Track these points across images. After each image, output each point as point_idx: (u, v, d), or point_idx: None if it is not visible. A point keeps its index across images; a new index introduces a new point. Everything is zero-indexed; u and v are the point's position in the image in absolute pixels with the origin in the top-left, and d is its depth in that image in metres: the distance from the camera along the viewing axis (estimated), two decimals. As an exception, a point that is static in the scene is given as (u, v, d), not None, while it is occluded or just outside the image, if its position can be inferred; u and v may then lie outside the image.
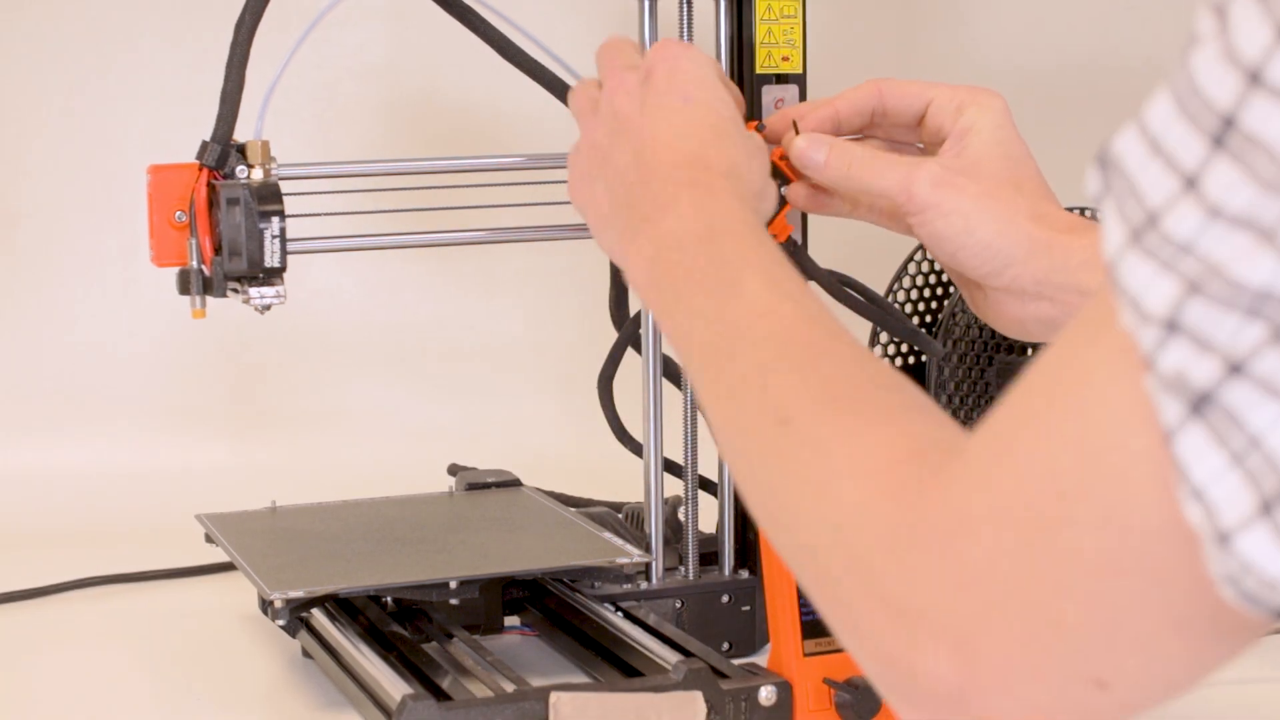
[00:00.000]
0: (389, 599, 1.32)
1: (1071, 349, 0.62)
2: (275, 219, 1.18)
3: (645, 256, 0.93)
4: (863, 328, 1.51)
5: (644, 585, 1.35)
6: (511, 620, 1.39)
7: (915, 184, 1.07)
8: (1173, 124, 0.57)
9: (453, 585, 1.27)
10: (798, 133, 1.13)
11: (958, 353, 1.56)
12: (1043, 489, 0.61)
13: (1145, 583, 0.60)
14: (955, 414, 1.55)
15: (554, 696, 1.11)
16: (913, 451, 0.68)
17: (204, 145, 1.20)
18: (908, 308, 1.61)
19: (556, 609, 1.34)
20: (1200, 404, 0.56)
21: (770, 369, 0.78)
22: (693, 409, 1.37)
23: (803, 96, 1.34)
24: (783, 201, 1.25)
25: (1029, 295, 1.06)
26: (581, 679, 1.28)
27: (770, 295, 0.83)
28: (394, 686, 1.14)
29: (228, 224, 1.18)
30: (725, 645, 1.36)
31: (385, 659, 1.20)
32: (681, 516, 1.40)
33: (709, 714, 1.13)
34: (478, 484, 1.53)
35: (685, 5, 1.33)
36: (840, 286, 1.32)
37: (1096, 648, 0.61)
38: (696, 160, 0.96)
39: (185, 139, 1.27)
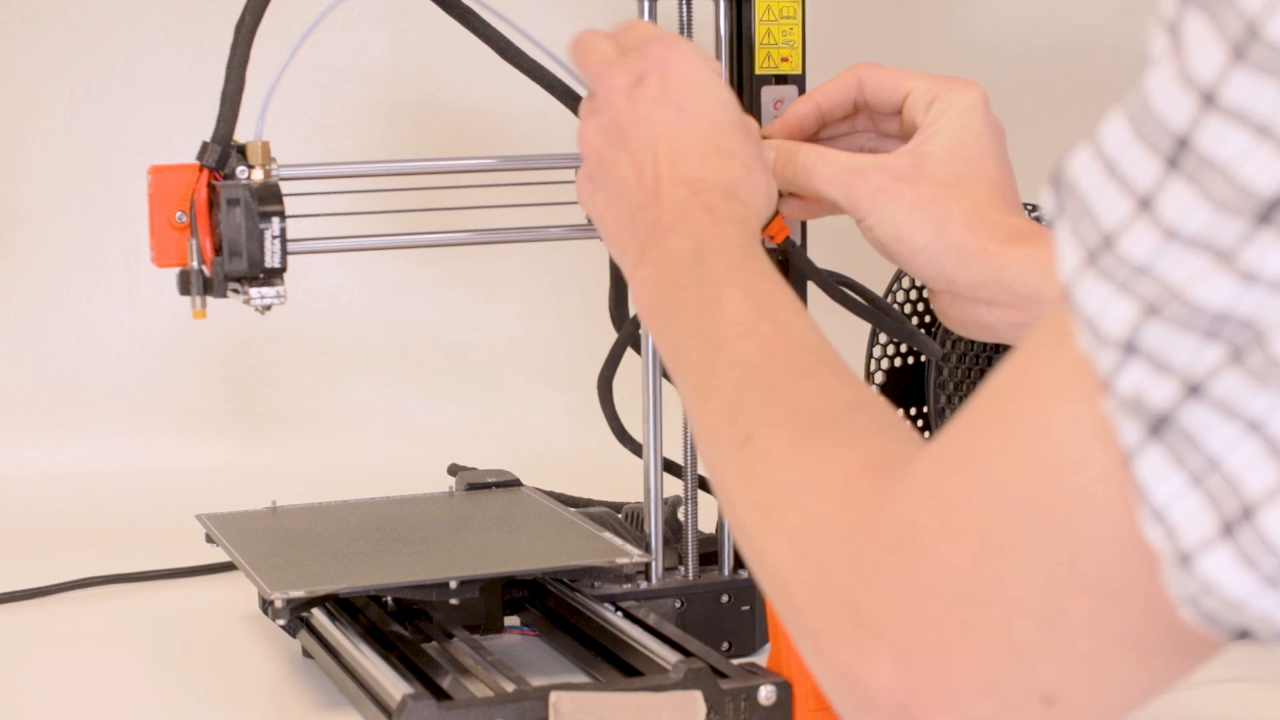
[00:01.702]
0: (389, 599, 1.32)
1: (1025, 366, 0.62)
2: (275, 219, 1.18)
3: (648, 281, 0.93)
4: (861, 328, 1.51)
5: (644, 585, 1.35)
6: (511, 620, 1.39)
7: (855, 192, 1.08)
8: (1128, 145, 0.57)
9: (453, 585, 1.27)
10: None
11: (957, 353, 1.56)
12: (995, 505, 0.61)
13: (1100, 602, 0.59)
14: (953, 415, 1.55)
15: (554, 696, 1.11)
16: (871, 466, 0.68)
17: (204, 146, 1.20)
18: (906, 308, 1.61)
19: (556, 609, 1.35)
20: (1159, 426, 0.56)
21: (741, 390, 0.79)
22: (692, 409, 1.37)
23: (802, 97, 1.34)
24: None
25: (967, 300, 1.07)
26: (581, 679, 1.28)
27: (751, 315, 0.84)
28: (394, 686, 1.14)
29: (228, 224, 1.18)
30: (725, 645, 1.36)
31: (385, 659, 1.20)
32: (681, 516, 1.40)
33: (709, 714, 1.13)
34: (478, 484, 1.53)
35: (685, 5, 1.33)
36: (839, 287, 1.32)
37: (1047, 665, 0.61)
38: (696, 180, 0.96)
39: (186, 139, 1.27)
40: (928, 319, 1.62)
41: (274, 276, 1.19)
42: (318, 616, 1.28)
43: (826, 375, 0.78)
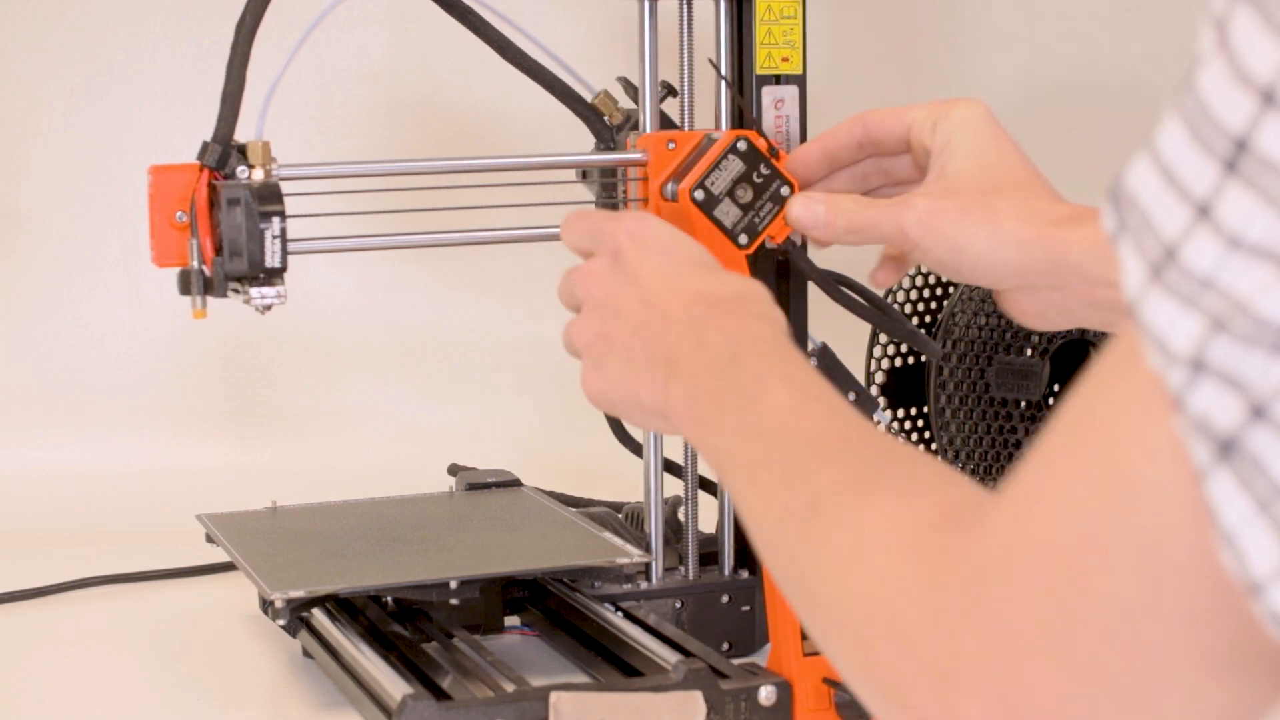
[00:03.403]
0: (389, 599, 1.32)
1: (1098, 390, 0.60)
2: (276, 219, 1.18)
3: (683, 396, 0.92)
4: (861, 328, 1.51)
5: (644, 585, 1.35)
6: (511, 620, 1.39)
7: (905, 226, 1.09)
8: (1184, 150, 0.55)
9: (453, 585, 1.27)
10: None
11: (957, 353, 1.56)
12: (1074, 534, 0.59)
13: (1186, 625, 0.58)
14: (953, 415, 1.55)
15: (554, 696, 1.11)
16: (943, 514, 0.67)
17: (205, 146, 1.20)
18: (907, 308, 1.61)
19: (556, 609, 1.35)
20: (1226, 448, 0.54)
21: (799, 464, 0.78)
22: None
23: (802, 97, 1.34)
24: (780, 203, 1.25)
25: (1040, 289, 1.08)
26: (581, 679, 1.28)
27: (797, 400, 0.83)
28: (394, 686, 1.14)
29: (228, 224, 1.18)
30: (725, 645, 1.36)
31: (385, 659, 1.20)
32: (681, 516, 1.40)
33: (709, 714, 1.13)
34: (478, 484, 1.53)
35: (685, 5, 1.33)
36: (839, 287, 1.32)
37: (1137, 695, 0.59)
38: (705, 296, 0.95)
39: (186, 140, 1.27)
40: (928, 319, 1.62)
41: (274, 276, 1.19)
42: (318, 616, 1.28)
43: (878, 440, 0.77)
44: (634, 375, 0.97)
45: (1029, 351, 1.58)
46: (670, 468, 1.40)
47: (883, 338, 1.60)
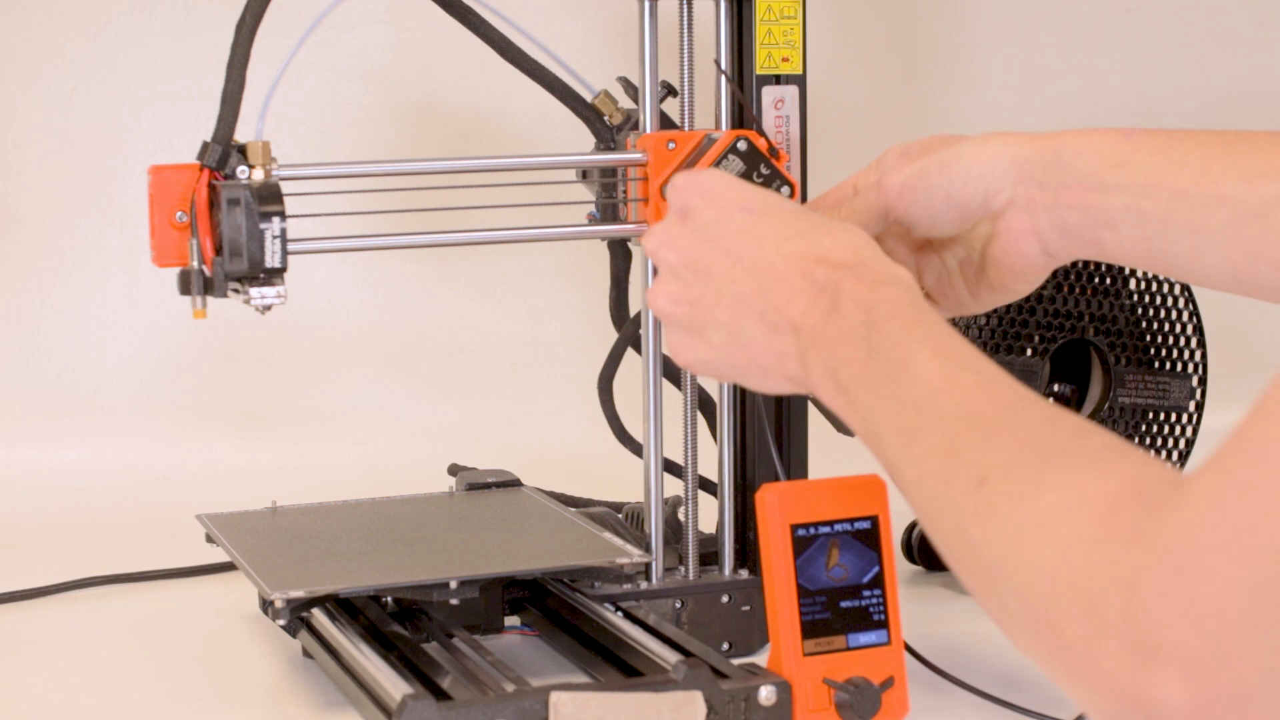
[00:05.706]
0: (389, 599, 1.32)
1: None
2: (276, 219, 1.18)
3: (824, 370, 0.91)
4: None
5: (644, 585, 1.35)
6: (511, 620, 1.39)
7: (889, 200, 1.06)
8: None
9: (453, 585, 1.27)
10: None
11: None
12: None
13: None
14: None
15: (554, 696, 1.11)
16: (1130, 489, 0.67)
17: (205, 146, 1.20)
18: (907, 308, 1.61)
19: (556, 609, 1.35)
20: None
21: (960, 438, 0.78)
22: (693, 409, 1.37)
23: (802, 97, 1.34)
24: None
25: (1039, 206, 1.02)
26: (581, 679, 1.28)
27: (946, 368, 0.82)
28: (394, 686, 1.14)
29: (228, 224, 1.18)
30: (725, 645, 1.36)
31: (385, 659, 1.20)
32: (681, 516, 1.40)
33: (709, 714, 1.13)
34: (478, 484, 1.53)
35: (685, 6, 1.33)
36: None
37: None
38: (822, 258, 0.93)
39: (186, 140, 1.27)
40: (928, 319, 1.62)
41: (274, 276, 1.19)
42: (318, 616, 1.28)
43: (1040, 409, 0.77)
44: (750, 342, 0.95)
45: (1029, 351, 1.58)
46: (670, 468, 1.40)
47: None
